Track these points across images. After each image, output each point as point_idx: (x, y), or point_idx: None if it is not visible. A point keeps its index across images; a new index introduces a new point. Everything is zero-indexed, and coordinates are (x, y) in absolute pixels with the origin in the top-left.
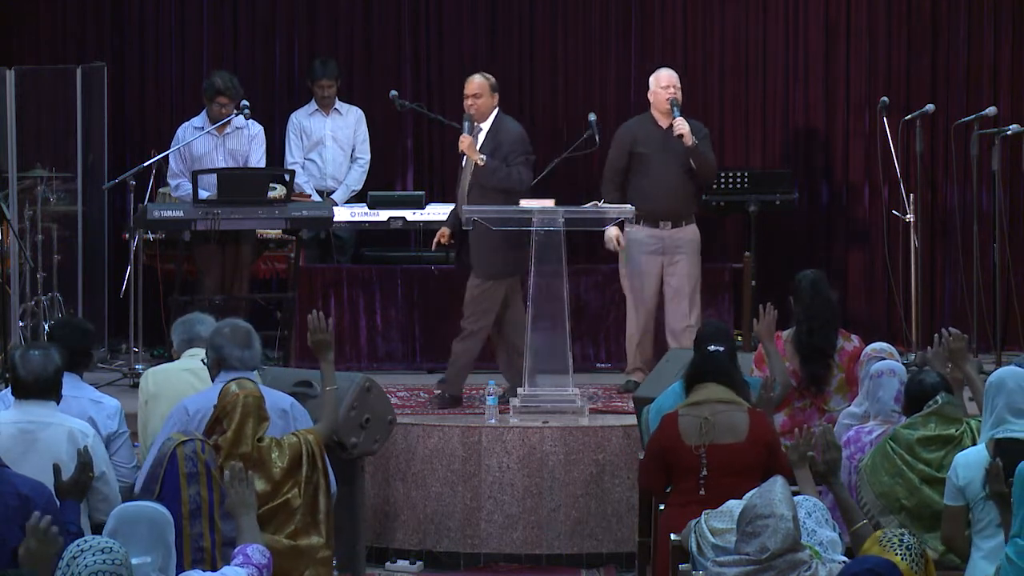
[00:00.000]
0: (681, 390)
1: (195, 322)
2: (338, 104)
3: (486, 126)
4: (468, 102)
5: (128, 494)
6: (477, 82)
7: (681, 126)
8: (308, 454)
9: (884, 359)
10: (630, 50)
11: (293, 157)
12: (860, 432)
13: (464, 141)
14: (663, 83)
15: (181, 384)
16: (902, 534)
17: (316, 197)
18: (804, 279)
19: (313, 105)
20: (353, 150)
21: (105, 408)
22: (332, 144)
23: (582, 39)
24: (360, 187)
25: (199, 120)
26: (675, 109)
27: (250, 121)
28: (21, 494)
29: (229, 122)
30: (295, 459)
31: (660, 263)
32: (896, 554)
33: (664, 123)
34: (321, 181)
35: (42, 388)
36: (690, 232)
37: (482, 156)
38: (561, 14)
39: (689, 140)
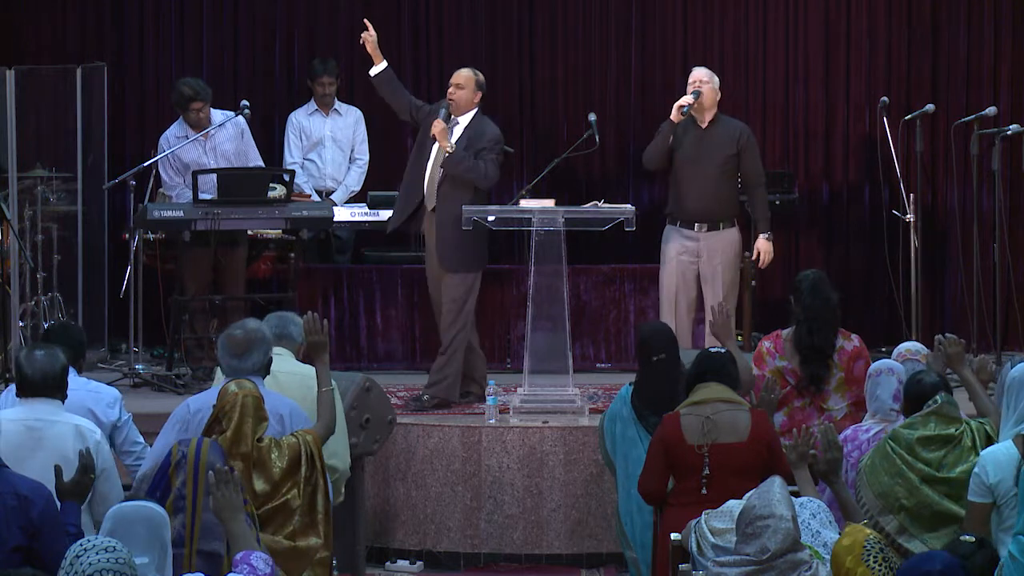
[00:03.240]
0: (627, 393)
1: (288, 322)
2: (337, 104)
3: (464, 121)
4: (450, 91)
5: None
6: (464, 74)
7: (684, 99)
8: (307, 454)
9: (917, 360)
10: (630, 50)
11: (292, 157)
12: (857, 431)
13: (437, 126)
14: (690, 79)
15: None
16: (881, 548)
17: (315, 197)
18: (805, 279)
19: (312, 105)
20: (352, 150)
21: (104, 397)
22: (331, 144)
23: (582, 39)
24: (359, 188)
25: (177, 128)
26: (694, 95)
27: (229, 115)
28: (20, 494)
29: (210, 122)
30: (294, 459)
31: (696, 266)
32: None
33: (703, 122)
34: (320, 181)
35: (49, 386)
36: (728, 236)
37: (452, 143)
38: (561, 14)
39: (680, 110)
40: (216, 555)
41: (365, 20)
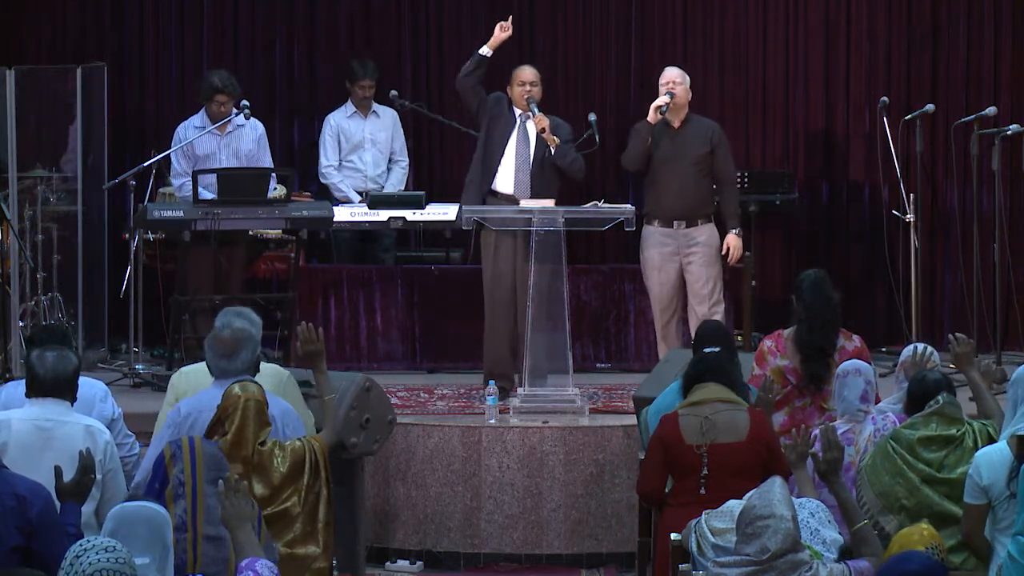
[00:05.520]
0: (680, 389)
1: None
2: (375, 106)
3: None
4: (526, 88)
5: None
6: (534, 71)
7: (660, 100)
8: (311, 462)
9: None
10: (630, 50)
11: (328, 159)
12: None
13: (543, 122)
14: (663, 80)
15: (207, 383)
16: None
17: (356, 198)
18: (806, 279)
19: (350, 107)
20: (392, 152)
21: (96, 390)
22: (371, 147)
23: (582, 39)
24: (403, 187)
25: (198, 119)
26: (669, 95)
27: (251, 120)
28: (18, 495)
29: (230, 121)
30: (297, 464)
31: (677, 262)
32: None
33: (676, 122)
34: (361, 183)
35: (60, 387)
36: (706, 231)
37: (556, 138)
38: (561, 14)
39: (659, 111)
40: (222, 539)
41: (509, 21)
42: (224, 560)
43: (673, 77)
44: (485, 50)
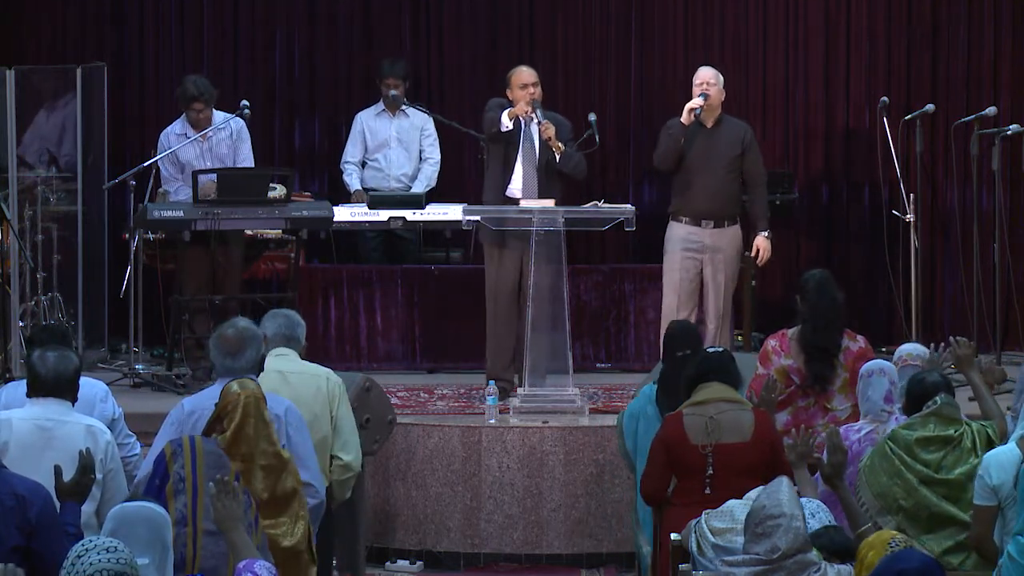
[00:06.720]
0: (651, 392)
1: (295, 324)
2: (405, 107)
3: (539, 116)
4: (530, 90)
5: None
6: (533, 72)
7: (695, 102)
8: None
9: (917, 366)
10: (630, 50)
11: (347, 156)
12: (848, 430)
13: (550, 130)
14: (697, 81)
15: (269, 384)
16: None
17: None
18: (811, 279)
19: (380, 106)
20: (423, 150)
21: (97, 390)
22: (397, 145)
23: (582, 39)
24: (434, 183)
25: (179, 126)
26: (702, 96)
27: (231, 119)
28: (18, 494)
29: (211, 124)
30: (287, 497)
31: (700, 261)
32: None
33: (709, 123)
34: (385, 182)
35: (61, 387)
36: (730, 234)
37: (561, 145)
38: (561, 14)
39: (693, 113)
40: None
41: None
42: (224, 555)
43: (707, 78)
44: (508, 124)
